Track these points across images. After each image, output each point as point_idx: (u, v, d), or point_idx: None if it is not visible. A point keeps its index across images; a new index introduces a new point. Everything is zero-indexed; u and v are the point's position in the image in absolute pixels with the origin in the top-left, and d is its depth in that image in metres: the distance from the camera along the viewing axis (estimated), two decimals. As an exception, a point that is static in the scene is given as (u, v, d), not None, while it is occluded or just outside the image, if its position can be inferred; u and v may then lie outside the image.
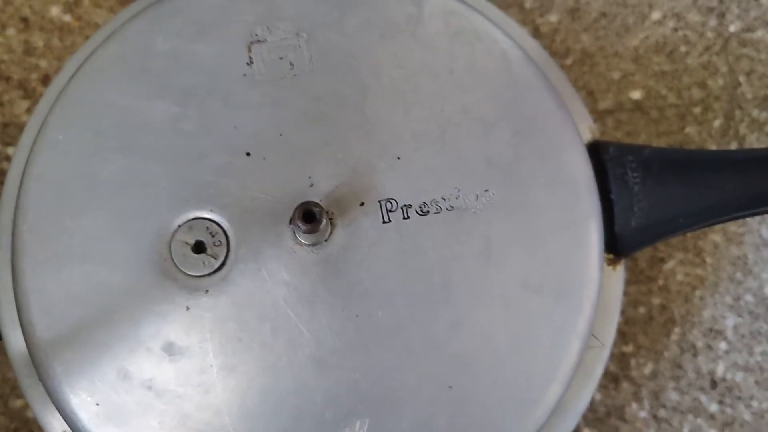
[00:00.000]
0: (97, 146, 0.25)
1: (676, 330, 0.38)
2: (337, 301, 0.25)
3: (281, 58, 0.26)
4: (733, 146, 0.39)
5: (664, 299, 0.38)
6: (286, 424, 0.24)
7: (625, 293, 0.37)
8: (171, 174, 0.25)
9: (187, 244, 0.25)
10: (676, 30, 0.39)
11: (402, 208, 0.25)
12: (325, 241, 0.25)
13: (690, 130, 0.40)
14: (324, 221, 0.22)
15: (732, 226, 0.39)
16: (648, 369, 0.38)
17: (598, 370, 0.29)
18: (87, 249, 0.25)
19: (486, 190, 0.26)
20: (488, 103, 0.26)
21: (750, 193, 0.29)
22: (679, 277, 0.38)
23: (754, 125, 0.40)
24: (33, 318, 0.25)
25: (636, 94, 0.40)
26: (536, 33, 0.40)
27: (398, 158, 0.25)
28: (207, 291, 0.25)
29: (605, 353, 0.29)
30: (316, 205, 0.22)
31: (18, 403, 0.34)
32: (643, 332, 0.38)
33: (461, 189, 0.26)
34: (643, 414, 0.38)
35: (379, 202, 0.25)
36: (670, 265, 0.38)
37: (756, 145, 0.39)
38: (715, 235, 0.39)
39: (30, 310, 0.25)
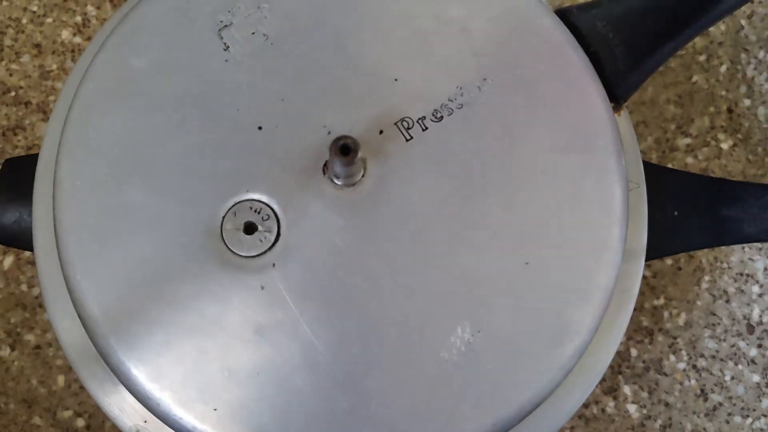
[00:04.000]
0: (114, 179, 0.25)
1: (706, 278, 0.37)
2: (395, 226, 0.25)
3: (253, 33, 0.27)
4: (743, 90, 0.39)
5: (690, 249, 0.38)
6: (392, 352, 0.25)
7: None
8: (197, 174, 0.25)
9: (237, 229, 0.25)
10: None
11: (418, 122, 0.26)
12: (362, 177, 0.26)
13: (697, 78, 0.40)
14: (360, 150, 0.23)
15: (752, 169, 0.39)
16: (682, 320, 0.38)
17: (644, 209, 0.30)
18: (147, 276, 0.25)
19: (484, 79, 0.27)
20: (452, 5, 0.28)
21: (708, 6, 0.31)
22: (704, 225, 0.38)
23: (761, 66, 0.40)
24: (120, 356, 0.25)
25: (639, 50, 0.41)
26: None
27: (396, 80, 0.26)
28: (274, 265, 0.25)
29: (642, 191, 0.30)
30: (347, 137, 0.23)
31: (66, 414, 0.34)
32: (673, 284, 0.38)
33: (462, 86, 0.27)
34: (682, 365, 0.37)
35: (395, 124, 0.26)
36: (693, 214, 0.38)
37: (766, 86, 0.39)
38: (737, 179, 0.40)
39: (116, 352, 0.25)
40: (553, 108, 0.27)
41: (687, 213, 0.32)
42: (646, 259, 0.32)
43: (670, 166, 0.42)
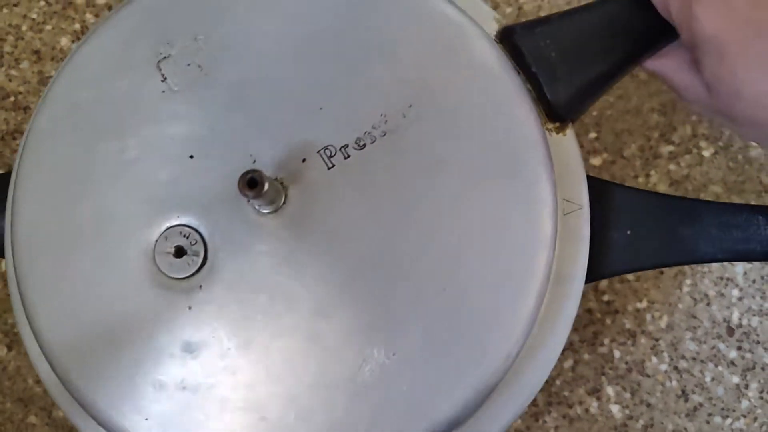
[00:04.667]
0: (62, 202, 0.28)
1: (687, 281, 0.38)
2: (316, 252, 0.26)
3: (188, 65, 0.28)
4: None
5: (672, 252, 0.38)
6: (311, 377, 0.26)
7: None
8: (132, 201, 0.27)
9: (168, 253, 0.27)
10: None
11: (340, 150, 0.27)
12: (284, 204, 0.27)
13: (680, 87, 0.39)
14: (266, 183, 0.24)
15: (732, 176, 0.39)
16: (663, 322, 0.39)
17: (585, 231, 0.30)
18: (88, 292, 0.27)
19: (410, 106, 0.27)
20: (382, 30, 0.28)
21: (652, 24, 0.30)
22: (686, 230, 0.38)
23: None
24: (64, 363, 0.27)
25: (623, 60, 0.40)
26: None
27: (321, 108, 0.27)
28: (201, 287, 0.27)
29: (585, 213, 0.30)
30: (254, 171, 0.24)
31: (61, 413, 0.37)
32: (655, 287, 0.39)
33: (386, 114, 0.27)
34: (663, 367, 0.38)
35: (318, 152, 0.27)
36: (676, 219, 0.38)
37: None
38: (715, 186, 0.40)
39: (59, 359, 0.27)
40: (480, 133, 0.27)
41: (641, 232, 0.31)
42: (600, 278, 0.31)
43: (652, 172, 0.41)
